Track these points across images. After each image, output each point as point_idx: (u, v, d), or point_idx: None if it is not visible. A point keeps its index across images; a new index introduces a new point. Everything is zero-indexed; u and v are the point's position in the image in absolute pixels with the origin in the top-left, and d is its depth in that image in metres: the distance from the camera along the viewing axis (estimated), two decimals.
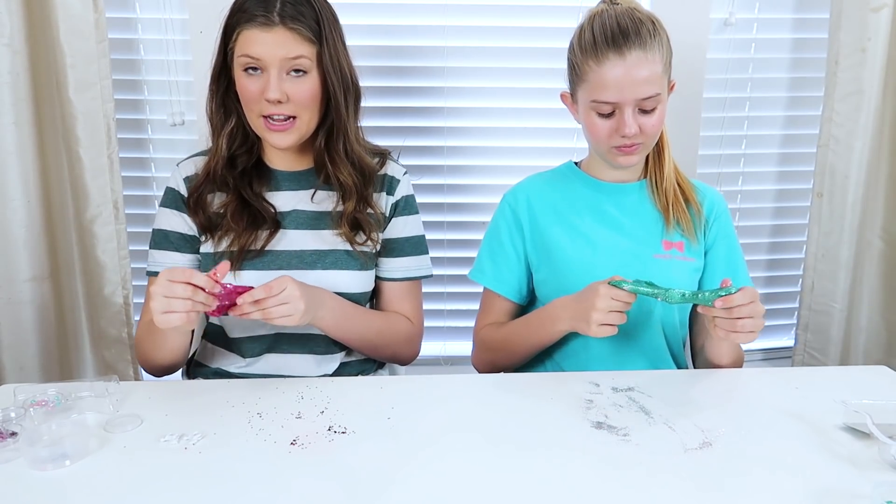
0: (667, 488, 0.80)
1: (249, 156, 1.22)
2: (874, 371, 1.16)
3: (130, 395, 1.04)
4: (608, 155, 1.18)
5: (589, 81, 1.13)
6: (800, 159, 1.80)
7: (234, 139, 1.20)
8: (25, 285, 1.58)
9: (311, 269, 1.20)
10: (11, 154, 1.52)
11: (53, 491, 0.81)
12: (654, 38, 1.10)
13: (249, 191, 1.20)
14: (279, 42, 1.09)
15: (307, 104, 1.13)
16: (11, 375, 1.61)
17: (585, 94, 1.14)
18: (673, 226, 1.20)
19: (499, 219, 1.30)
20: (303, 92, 1.12)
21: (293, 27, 1.09)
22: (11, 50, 1.48)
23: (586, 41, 1.13)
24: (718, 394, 1.06)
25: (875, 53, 1.61)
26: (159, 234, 1.24)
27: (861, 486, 0.79)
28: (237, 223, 1.18)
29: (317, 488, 0.80)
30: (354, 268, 1.22)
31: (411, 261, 1.29)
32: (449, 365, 1.84)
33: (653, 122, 1.13)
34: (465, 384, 1.10)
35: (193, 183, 1.21)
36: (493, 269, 1.28)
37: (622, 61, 1.09)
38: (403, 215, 1.28)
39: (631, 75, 1.09)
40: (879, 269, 1.76)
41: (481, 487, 0.80)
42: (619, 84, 1.09)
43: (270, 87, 1.10)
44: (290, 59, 1.10)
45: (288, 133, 1.14)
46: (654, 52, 1.10)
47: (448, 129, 1.73)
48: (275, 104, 1.11)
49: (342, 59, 1.16)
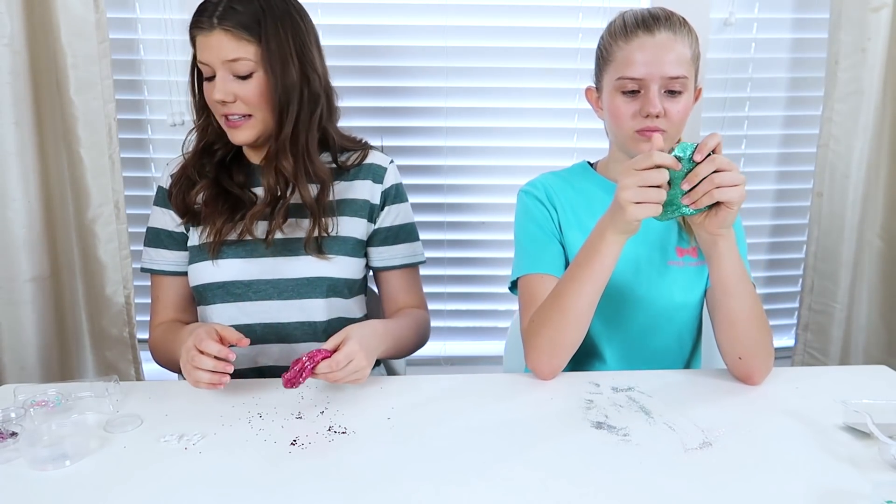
0: (667, 488, 0.80)
1: (227, 148, 1.24)
2: (874, 371, 1.15)
3: (130, 395, 1.04)
4: (630, 142, 1.13)
5: (616, 60, 1.11)
6: (800, 159, 1.80)
7: (206, 133, 1.23)
8: (26, 285, 1.58)
9: (294, 255, 1.21)
10: (12, 154, 1.52)
11: (53, 491, 0.81)
12: (684, 28, 1.10)
13: (229, 180, 1.23)
14: (216, 45, 1.11)
15: (256, 103, 1.14)
16: (12, 375, 1.62)
17: (611, 75, 1.12)
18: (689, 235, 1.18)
19: (522, 211, 1.24)
20: (248, 92, 1.13)
21: (227, 28, 1.10)
22: (12, 50, 1.48)
23: (616, 26, 1.12)
24: (718, 394, 1.05)
25: (875, 53, 1.61)
26: (152, 231, 1.28)
27: (861, 486, 0.79)
28: (213, 209, 1.20)
29: (317, 488, 0.80)
30: (339, 252, 1.22)
31: (407, 247, 1.31)
32: (449, 365, 1.84)
33: (678, 109, 1.10)
34: (465, 384, 1.10)
35: (174, 176, 1.25)
36: (531, 258, 1.19)
37: (651, 38, 1.08)
38: (395, 203, 1.29)
39: (659, 52, 1.08)
40: (879, 269, 1.76)
41: (481, 487, 0.80)
42: (646, 60, 1.08)
43: (216, 89, 1.12)
44: (228, 61, 1.11)
45: (243, 129, 1.16)
46: (684, 38, 1.09)
47: (448, 129, 1.73)
48: (224, 105, 1.13)
49: (290, 56, 1.14)
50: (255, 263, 1.21)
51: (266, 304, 1.21)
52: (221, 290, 1.21)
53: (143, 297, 1.67)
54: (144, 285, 1.64)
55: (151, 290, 1.30)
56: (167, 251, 1.27)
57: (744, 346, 1.07)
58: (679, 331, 1.23)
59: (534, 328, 1.11)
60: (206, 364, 0.97)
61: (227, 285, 1.21)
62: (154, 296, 1.30)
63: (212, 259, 1.20)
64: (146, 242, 1.28)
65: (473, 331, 1.87)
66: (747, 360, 1.08)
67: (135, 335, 1.69)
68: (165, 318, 1.27)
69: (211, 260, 1.20)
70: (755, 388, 1.08)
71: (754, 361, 1.08)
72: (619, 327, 1.20)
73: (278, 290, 1.21)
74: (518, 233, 1.24)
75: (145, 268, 1.29)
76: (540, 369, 1.11)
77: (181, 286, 1.28)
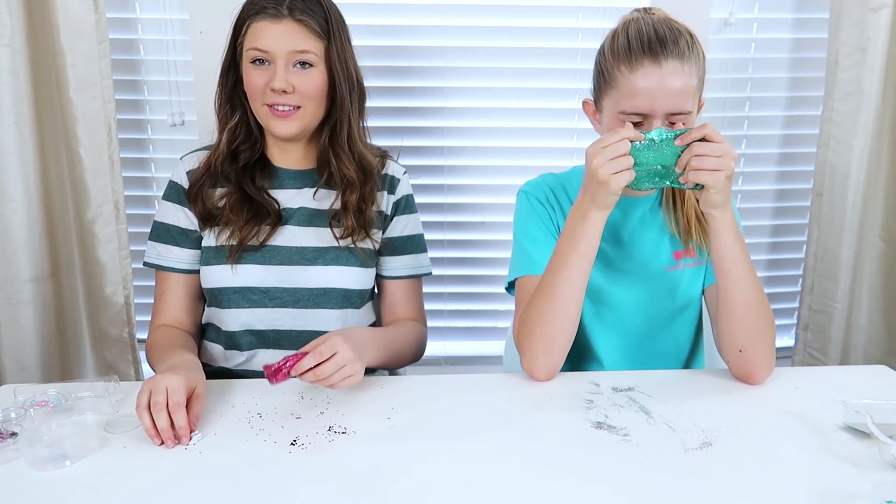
0: (667, 488, 0.80)
1: (252, 151, 1.23)
2: (874, 371, 1.16)
3: (130, 395, 1.04)
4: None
5: (618, 88, 1.05)
6: (800, 159, 1.80)
7: (236, 134, 1.21)
8: (26, 285, 1.59)
9: (312, 265, 1.21)
10: (12, 154, 1.52)
11: (53, 491, 0.81)
12: (692, 51, 1.04)
13: (252, 185, 1.21)
14: (287, 34, 1.12)
15: (313, 96, 1.15)
16: (12, 376, 1.62)
17: (613, 102, 1.07)
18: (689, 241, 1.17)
19: (522, 211, 1.22)
20: (309, 84, 1.14)
21: (301, 19, 1.12)
22: (12, 50, 1.48)
23: (620, 45, 1.06)
24: (718, 394, 1.05)
25: (875, 53, 1.61)
26: (161, 227, 1.25)
27: (861, 486, 0.79)
28: (237, 215, 1.19)
29: (317, 488, 0.80)
30: (355, 264, 1.23)
31: (413, 259, 1.31)
32: (449, 365, 1.84)
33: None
34: (465, 384, 1.10)
35: (195, 175, 1.23)
36: (529, 260, 1.17)
37: (657, 69, 1.02)
38: (405, 214, 1.29)
39: (665, 85, 1.02)
40: (879, 269, 1.76)
41: (481, 487, 0.80)
42: (651, 93, 1.02)
43: (277, 77, 1.12)
44: (297, 51, 1.12)
45: (291, 120, 1.15)
46: (692, 65, 1.03)
47: (448, 129, 1.73)
48: (280, 94, 1.12)
49: (349, 57, 1.18)
50: (273, 271, 1.20)
51: (281, 311, 1.21)
52: (238, 295, 1.20)
53: (143, 297, 1.67)
54: (144, 285, 1.65)
55: (156, 286, 1.27)
56: (178, 248, 1.24)
57: (744, 334, 1.05)
58: (676, 335, 1.23)
59: (526, 328, 1.09)
60: (161, 422, 0.89)
61: (245, 291, 1.20)
62: (159, 291, 1.26)
63: (231, 264, 1.19)
64: (153, 237, 1.25)
65: (473, 331, 1.87)
66: (747, 352, 1.06)
67: (134, 335, 1.68)
68: (169, 319, 1.24)
69: (230, 265, 1.19)
70: (755, 387, 1.08)
71: (755, 355, 1.06)
72: (616, 333, 1.20)
73: (294, 299, 1.21)
74: (517, 233, 1.22)
75: (151, 263, 1.25)
76: (536, 370, 1.09)
77: (189, 284, 1.25)
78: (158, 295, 1.26)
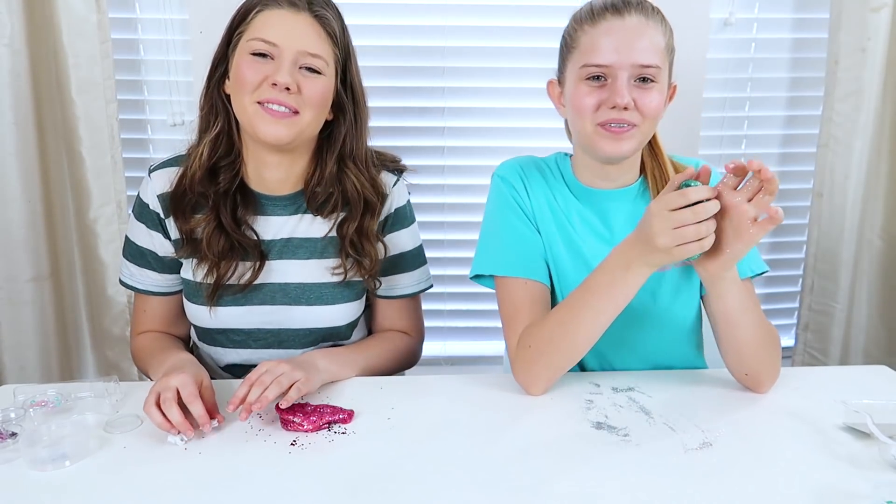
0: (667, 488, 0.80)
1: (232, 171, 1.09)
2: (874, 371, 1.15)
3: (130, 395, 1.04)
4: (592, 138, 1.00)
5: (580, 47, 0.99)
6: (800, 159, 1.80)
7: (217, 146, 1.09)
8: (26, 285, 1.59)
9: (297, 305, 1.13)
10: (12, 154, 1.53)
11: (53, 491, 0.81)
12: (657, 14, 1.00)
13: (230, 219, 1.08)
14: (302, 30, 1.02)
15: (315, 103, 1.04)
16: (12, 375, 1.62)
17: (575, 63, 1.00)
18: None
19: (500, 198, 1.11)
20: (315, 89, 1.03)
21: (319, 14, 1.03)
22: (12, 50, 1.49)
23: (582, 11, 1.01)
24: (718, 394, 1.05)
25: (875, 53, 1.61)
26: (133, 247, 1.15)
27: (861, 486, 0.79)
28: (211, 250, 1.08)
29: (317, 488, 0.80)
30: (346, 300, 1.15)
31: (409, 277, 1.22)
32: (449, 365, 1.84)
33: (650, 100, 0.97)
34: (465, 384, 1.10)
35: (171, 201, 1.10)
36: (514, 257, 1.07)
37: (621, 22, 0.96)
38: (395, 231, 1.18)
39: (629, 37, 0.96)
40: (879, 270, 1.76)
41: (481, 487, 0.80)
42: (615, 45, 0.96)
43: (282, 71, 1.00)
44: (308, 53, 1.02)
45: (285, 125, 1.02)
46: (657, 25, 0.99)
47: (448, 129, 1.73)
48: (281, 91, 1.00)
49: (357, 74, 1.12)
50: (255, 311, 1.13)
51: (267, 352, 1.16)
52: (221, 335, 1.16)
53: None
54: None
55: (135, 303, 1.21)
56: (154, 272, 1.15)
57: (751, 367, 1.03)
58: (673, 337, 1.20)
59: (531, 353, 1.01)
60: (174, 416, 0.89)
61: (227, 332, 1.15)
62: (138, 308, 1.20)
63: (209, 306, 1.11)
64: (127, 255, 1.16)
65: (473, 331, 1.87)
66: (754, 376, 1.04)
67: None
68: (151, 328, 1.20)
69: (208, 307, 1.11)
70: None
71: (761, 377, 1.04)
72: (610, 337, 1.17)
73: (279, 340, 1.16)
74: (494, 221, 1.10)
75: (126, 283, 1.17)
76: (533, 390, 1.03)
77: (169, 303, 1.19)
78: (138, 311, 1.20)
